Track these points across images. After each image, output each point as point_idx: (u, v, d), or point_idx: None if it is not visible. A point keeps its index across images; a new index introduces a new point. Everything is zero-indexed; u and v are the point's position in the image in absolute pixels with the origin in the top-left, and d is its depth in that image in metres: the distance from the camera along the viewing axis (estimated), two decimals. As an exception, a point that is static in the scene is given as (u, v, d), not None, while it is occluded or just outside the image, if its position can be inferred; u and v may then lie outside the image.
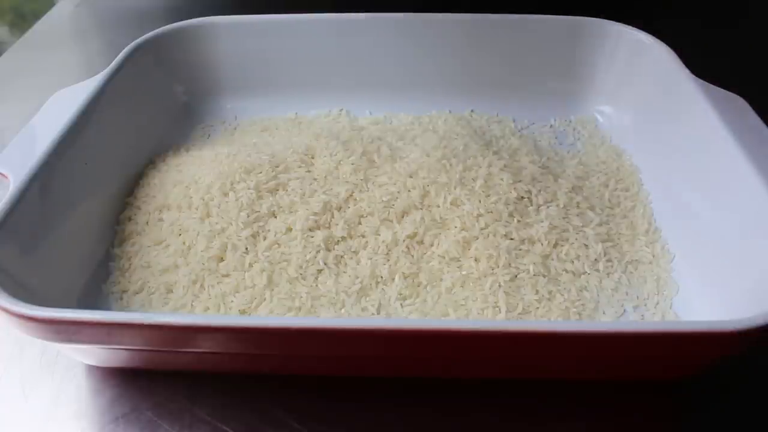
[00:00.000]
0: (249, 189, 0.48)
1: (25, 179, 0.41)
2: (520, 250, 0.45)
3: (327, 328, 0.33)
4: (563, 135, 0.59)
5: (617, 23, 0.59)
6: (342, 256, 0.45)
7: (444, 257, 0.45)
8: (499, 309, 0.42)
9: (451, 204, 0.47)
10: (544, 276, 0.44)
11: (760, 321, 0.32)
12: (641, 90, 0.56)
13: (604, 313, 0.43)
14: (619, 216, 0.49)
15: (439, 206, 0.48)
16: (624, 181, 0.52)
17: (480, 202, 0.47)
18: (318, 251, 0.45)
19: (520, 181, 0.50)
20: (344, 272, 0.44)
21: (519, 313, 0.42)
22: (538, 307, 0.42)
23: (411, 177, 0.49)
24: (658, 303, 0.43)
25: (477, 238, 0.45)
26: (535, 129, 0.60)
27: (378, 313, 0.42)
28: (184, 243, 0.46)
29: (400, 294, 0.43)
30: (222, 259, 0.45)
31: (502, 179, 0.49)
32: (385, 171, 0.50)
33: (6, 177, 0.42)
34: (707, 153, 0.46)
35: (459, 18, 0.60)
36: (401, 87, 0.62)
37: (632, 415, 0.39)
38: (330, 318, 0.41)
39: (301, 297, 0.42)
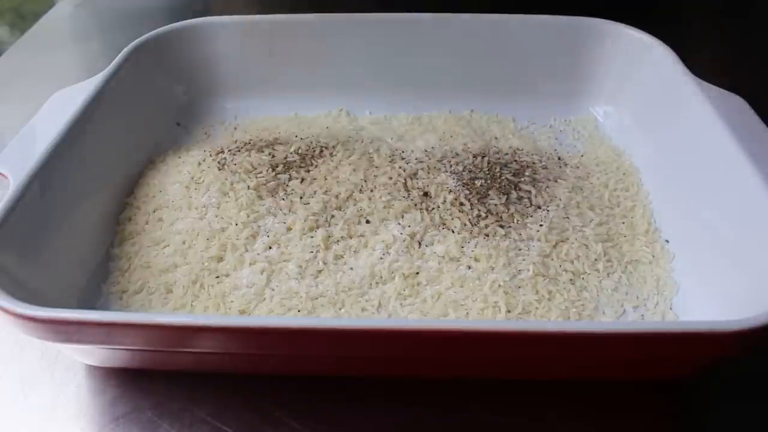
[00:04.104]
0: (249, 189, 0.48)
1: (25, 179, 0.41)
2: (520, 250, 0.45)
3: (327, 328, 0.33)
4: (563, 135, 0.59)
5: (617, 23, 0.59)
6: (341, 256, 0.45)
7: (444, 257, 0.45)
8: (499, 309, 0.42)
9: (451, 204, 0.47)
10: (543, 276, 0.44)
11: (760, 321, 0.32)
12: (641, 90, 0.56)
13: (604, 313, 0.43)
14: (618, 216, 0.49)
15: (438, 206, 0.48)
16: (624, 181, 0.52)
17: (479, 201, 0.47)
18: (317, 251, 0.45)
19: (520, 181, 0.50)
20: (344, 272, 0.44)
21: (519, 313, 0.42)
22: (537, 307, 0.42)
23: (411, 177, 0.49)
24: (657, 303, 0.43)
25: (476, 238, 0.45)
26: (535, 129, 0.60)
27: (378, 313, 0.42)
28: (183, 243, 0.46)
29: (400, 294, 0.43)
30: (221, 259, 0.45)
31: (501, 179, 0.49)
32: (385, 171, 0.50)
33: (6, 177, 0.42)
34: (707, 153, 0.46)
35: (459, 18, 0.60)
36: (401, 87, 0.61)
37: (632, 415, 0.39)
38: (330, 318, 0.41)
39: (301, 297, 0.42)
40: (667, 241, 0.47)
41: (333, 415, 0.38)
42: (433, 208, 0.47)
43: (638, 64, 0.57)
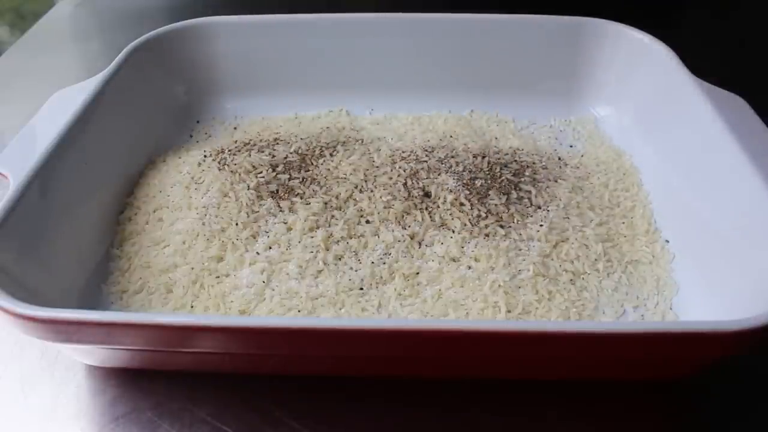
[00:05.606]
0: (249, 189, 0.48)
1: (25, 179, 0.41)
2: (520, 250, 0.45)
3: (327, 328, 0.33)
4: (563, 135, 0.59)
5: (617, 23, 0.59)
6: (342, 257, 0.45)
7: (444, 257, 0.45)
8: (499, 309, 0.42)
9: (451, 204, 0.47)
10: (543, 276, 0.44)
11: (760, 321, 0.32)
12: (641, 90, 0.56)
13: (604, 313, 0.43)
14: (619, 216, 0.49)
15: (438, 206, 0.48)
16: (624, 181, 0.52)
17: (479, 201, 0.47)
18: (318, 251, 0.45)
19: (520, 181, 0.50)
20: (344, 272, 0.44)
21: (519, 313, 0.42)
22: (537, 307, 0.42)
23: (411, 177, 0.49)
24: (658, 303, 0.43)
25: (477, 238, 0.45)
26: (535, 129, 0.60)
27: (378, 313, 0.42)
28: (183, 243, 0.46)
29: (400, 294, 0.43)
30: (221, 259, 0.45)
31: (502, 179, 0.49)
32: (385, 171, 0.50)
33: (6, 177, 0.42)
34: (707, 153, 0.46)
35: (459, 18, 0.60)
36: (401, 87, 0.62)
37: (632, 415, 0.39)
38: (330, 318, 0.41)
39: (301, 297, 0.42)
40: (667, 241, 0.47)
41: (333, 415, 0.38)
42: (433, 209, 0.47)
43: (638, 64, 0.57)
